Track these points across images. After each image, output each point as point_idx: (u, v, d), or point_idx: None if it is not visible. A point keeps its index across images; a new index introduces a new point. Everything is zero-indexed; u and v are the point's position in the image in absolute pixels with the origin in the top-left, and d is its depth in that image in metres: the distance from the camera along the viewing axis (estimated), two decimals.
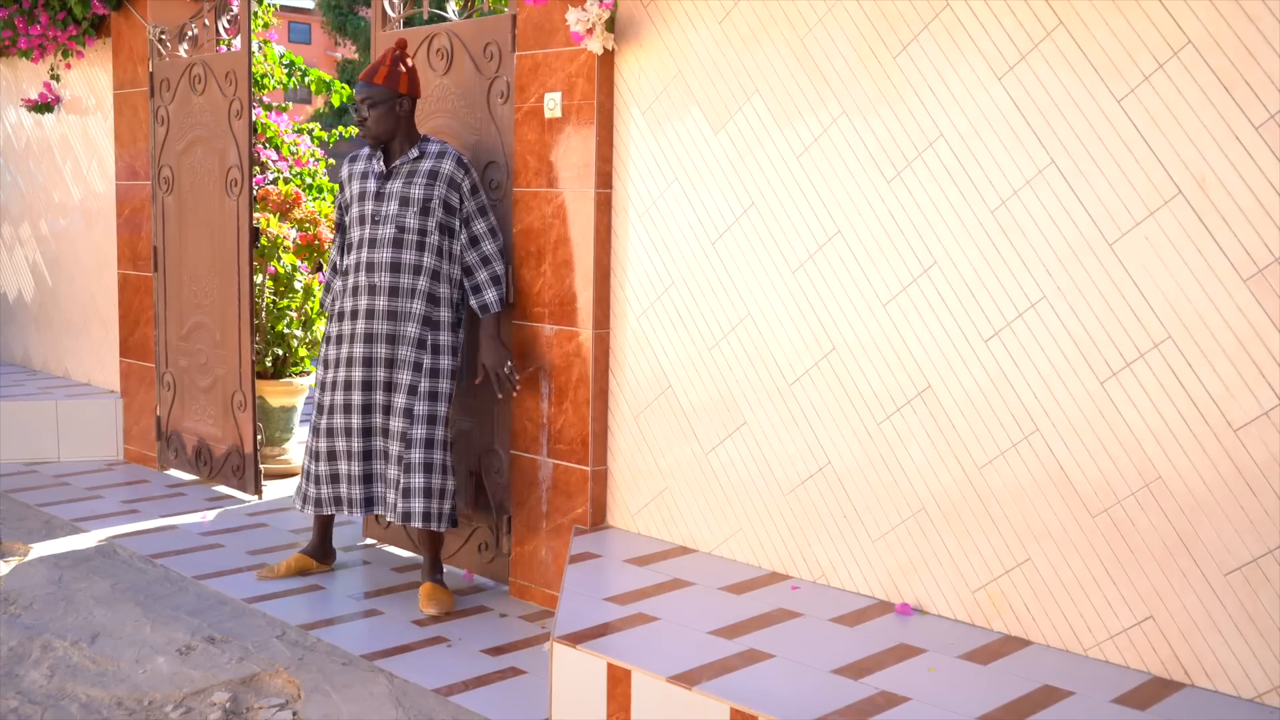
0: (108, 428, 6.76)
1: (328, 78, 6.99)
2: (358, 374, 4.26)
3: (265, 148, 6.64)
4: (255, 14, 6.52)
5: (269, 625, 4.16)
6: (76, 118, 7.18)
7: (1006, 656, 3.05)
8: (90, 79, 7.02)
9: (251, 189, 5.80)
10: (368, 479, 4.35)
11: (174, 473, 6.46)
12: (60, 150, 7.35)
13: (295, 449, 6.59)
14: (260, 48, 6.66)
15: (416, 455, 4.20)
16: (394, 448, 4.26)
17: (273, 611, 4.29)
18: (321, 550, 4.71)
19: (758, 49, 3.66)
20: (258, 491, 5.91)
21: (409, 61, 4.29)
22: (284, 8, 35.47)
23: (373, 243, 4.25)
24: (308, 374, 6.65)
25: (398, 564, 4.92)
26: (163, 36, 6.32)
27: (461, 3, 4.69)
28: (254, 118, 6.28)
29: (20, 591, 4.51)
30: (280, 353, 6.47)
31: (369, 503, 4.37)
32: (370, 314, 4.24)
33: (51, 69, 7.14)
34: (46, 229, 7.54)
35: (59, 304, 7.48)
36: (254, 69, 6.41)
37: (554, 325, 4.27)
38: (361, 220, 4.31)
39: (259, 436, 6.08)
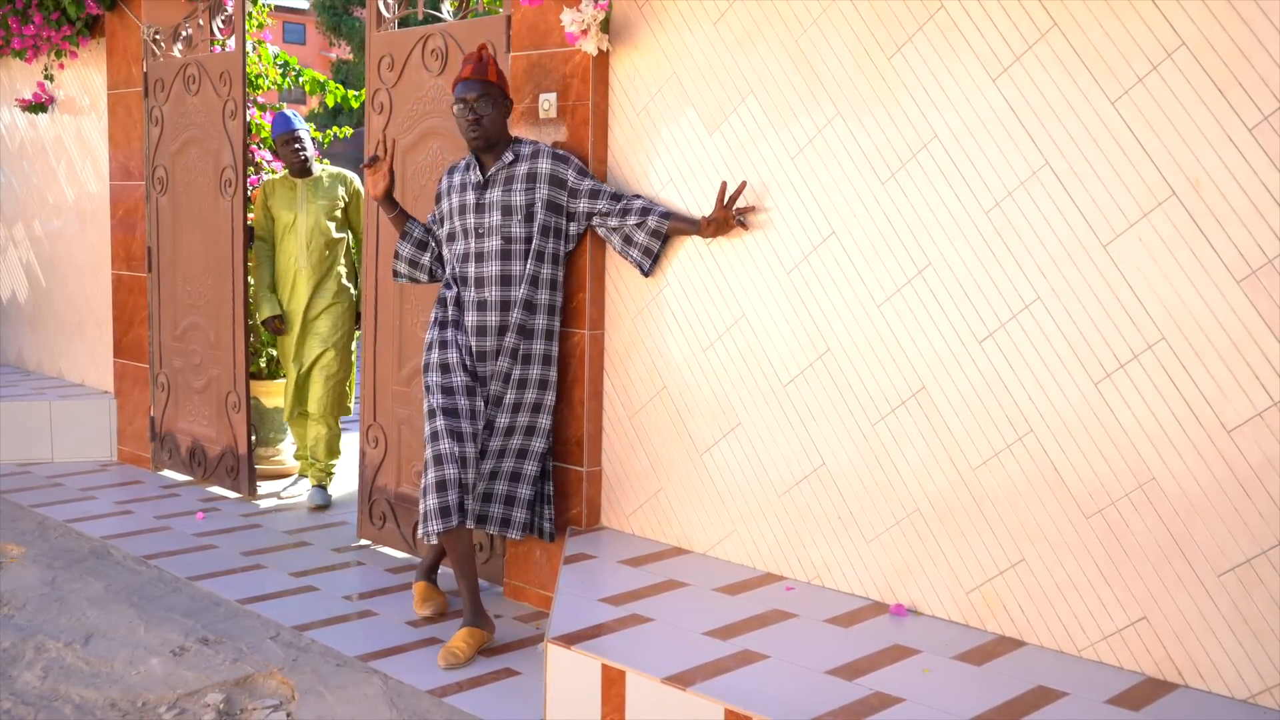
0: (102, 428, 6.74)
1: (322, 78, 6.98)
2: (471, 383, 4.02)
3: (259, 148, 6.63)
4: (250, 14, 6.51)
5: (263, 626, 4.15)
6: (70, 118, 7.16)
7: (1001, 657, 3.05)
8: (84, 79, 7.01)
9: (246, 189, 5.79)
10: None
11: (168, 473, 6.45)
12: (54, 151, 7.34)
13: (289, 449, 6.59)
14: (255, 48, 6.65)
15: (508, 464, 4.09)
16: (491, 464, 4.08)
17: (267, 613, 4.28)
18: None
19: (753, 50, 3.66)
20: (252, 492, 5.90)
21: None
22: (278, 8, 35.46)
23: (480, 256, 4.01)
24: None
25: (392, 564, 4.91)
26: (157, 36, 6.31)
27: (456, 3, 4.68)
28: (248, 118, 6.27)
29: (14, 592, 4.50)
30: (274, 353, 6.46)
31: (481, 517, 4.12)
32: (482, 331, 4.01)
33: (45, 69, 7.12)
34: (40, 229, 7.53)
35: (53, 305, 7.47)
36: (248, 69, 6.40)
37: None
38: (465, 233, 4.05)
39: (253, 437, 6.08)
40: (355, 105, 6.85)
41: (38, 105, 7.18)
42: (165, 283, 6.32)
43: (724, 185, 3.67)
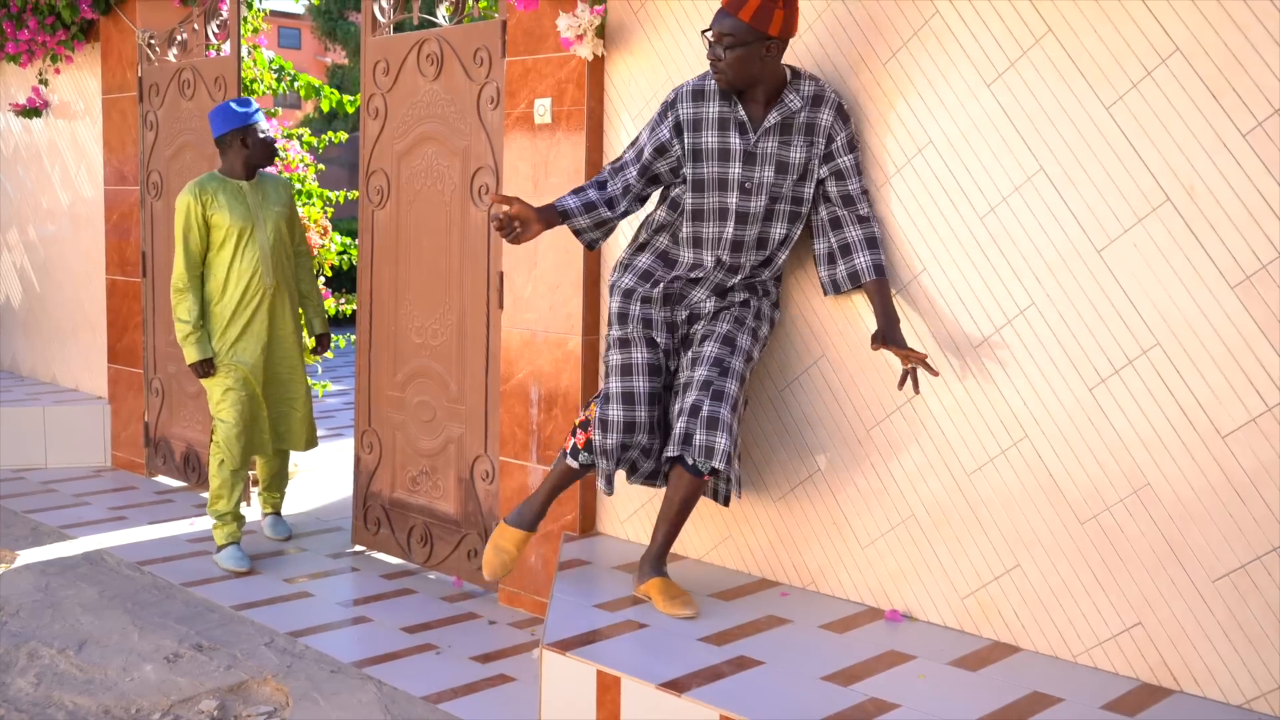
0: (95, 434, 6.73)
1: (317, 83, 6.98)
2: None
3: None
4: (245, 19, 6.51)
5: (257, 633, 4.14)
6: (65, 123, 7.16)
7: (996, 663, 3.05)
8: (79, 84, 7.00)
9: None
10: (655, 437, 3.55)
11: (162, 479, 6.44)
12: (49, 155, 7.33)
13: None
14: (250, 53, 6.65)
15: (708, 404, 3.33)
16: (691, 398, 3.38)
17: (261, 619, 4.28)
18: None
19: None
20: (246, 499, 5.89)
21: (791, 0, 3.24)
22: (274, 13, 35.43)
23: (742, 217, 3.36)
24: None
25: (387, 570, 4.90)
26: (152, 41, 6.30)
27: (452, 8, 4.68)
28: None
29: (7, 599, 4.48)
30: None
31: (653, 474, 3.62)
32: (703, 285, 3.46)
33: (40, 74, 7.11)
34: (35, 234, 7.51)
35: (47, 310, 7.46)
36: (243, 74, 6.39)
37: (544, 331, 4.26)
38: (722, 185, 3.35)
39: None
40: (350, 110, 6.84)
41: (32, 110, 7.17)
42: (160, 288, 6.31)
43: (915, 355, 3.12)
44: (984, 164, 3.14)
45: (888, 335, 3.19)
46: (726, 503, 3.64)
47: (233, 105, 4.90)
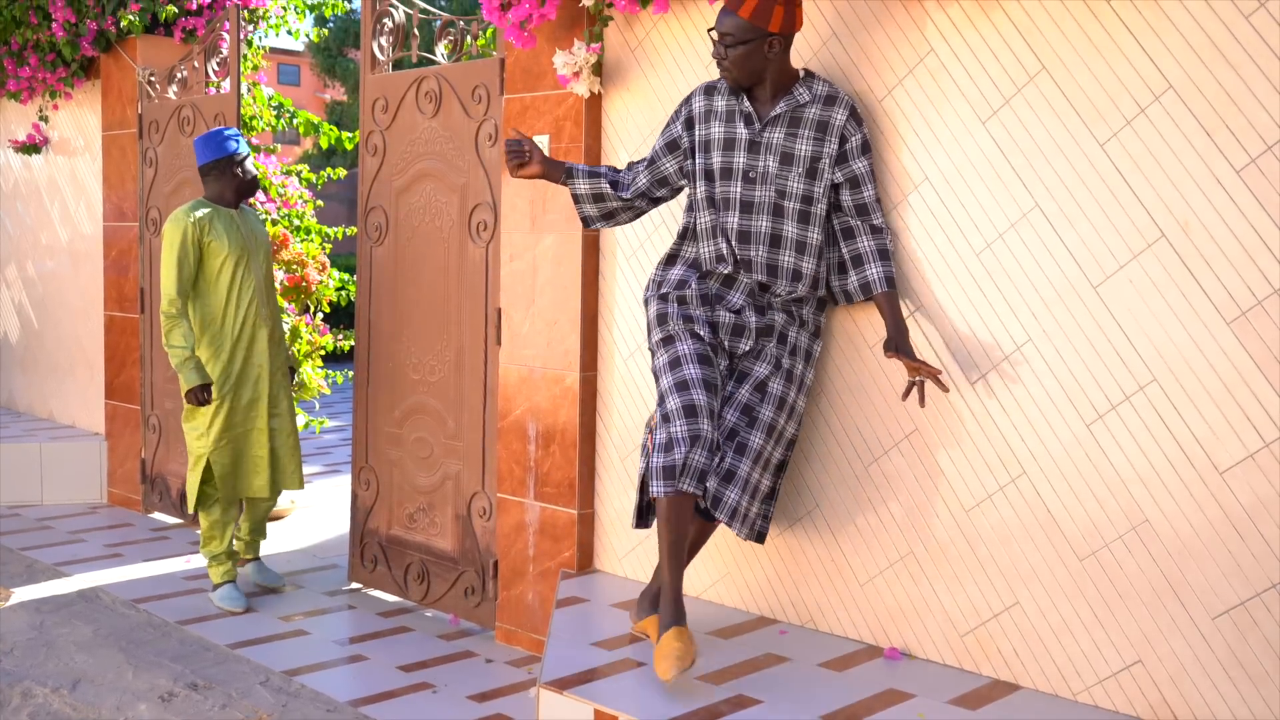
0: (92, 471, 6.72)
1: (316, 120, 7.01)
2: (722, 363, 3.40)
3: None
4: (245, 56, 6.55)
5: (252, 671, 4.11)
6: (64, 159, 7.18)
7: (996, 701, 3.03)
8: (79, 120, 7.03)
9: None
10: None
11: (158, 516, 6.42)
12: (48, 192, 7.35)
13: (282, 494, 6.55)
14: (249, 90, 6.69)
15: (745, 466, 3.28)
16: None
17: (256, 658, 4.25)
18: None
19: None
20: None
21: None
22: (273, 50, 35.65)
23: (746, 206, 3.31)
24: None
25: (383, 608, 4.88)
26: (152, 78, 6.33)
27: (450, 46, 4.71)
28: None
29: (1, 637, 4.45)
30: None
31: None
32: (738, 287, 3.39)
33: (40, 110, 7.15)
34: (33, 271, 7.53)
35: (45, 346, 7.46)
36: (243, 111, 6.43)
37: (542, 368, 4.26)
38: (727, 174, 3.34)
39: None
40: (349, 147, 6.87)
41: (31, 146, 7.20)
42: (157, 324, 6.31)
43: (927, 368, 3.06)
44: (980, 200, 3.15)
45: (899, 345, 3.16)
46: (760, 540, 3.44)
47: (225, 134, 4.86)
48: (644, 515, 3.47)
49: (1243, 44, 2.70)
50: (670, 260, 3.50)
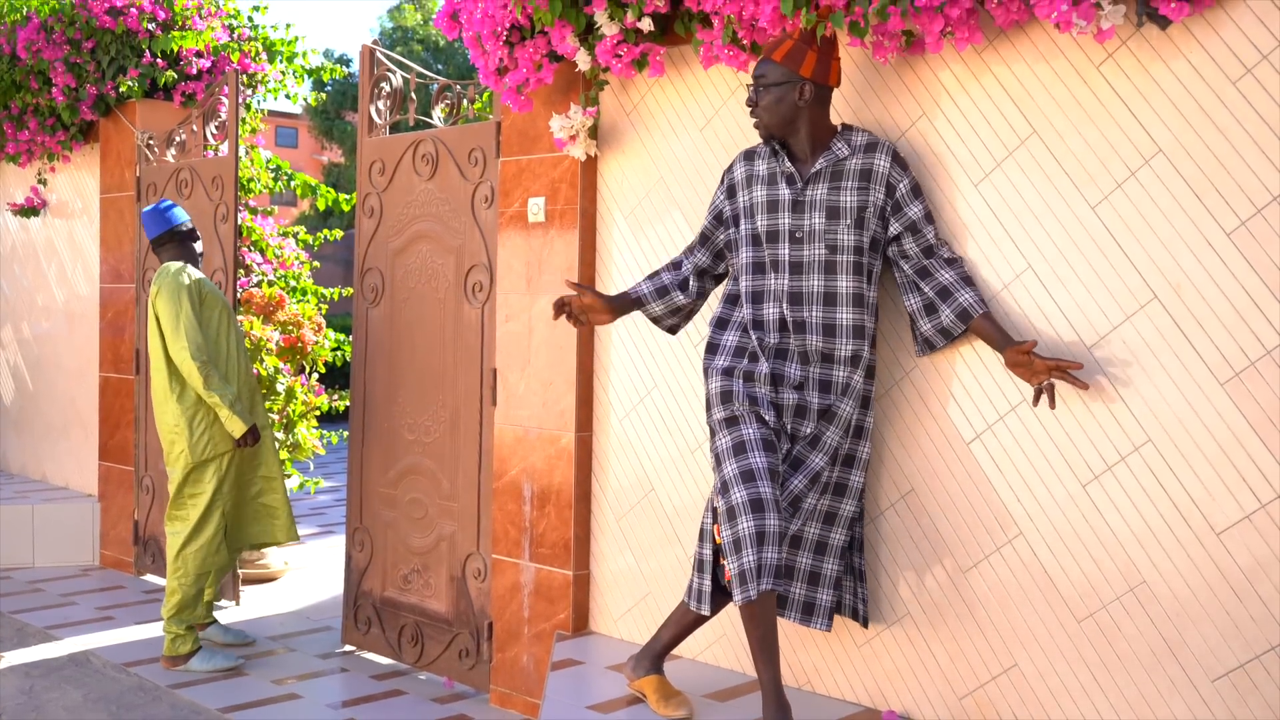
0: (84, 532, 6.68)
1: (314, 182, 7.06)
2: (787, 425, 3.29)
3: (250, 251, 6.68)
4: (243, 119, 6.61)
5: None
6: (62, 221, 7.22)
7: None
8: (77, 183, 7.07)
9: (236, 292, 5.82)
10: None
11: (150, 578, 6.37)
12: (45, 254, 7.38)
13: (275, 554, 6.52)
14: (247, 152, 6.74)
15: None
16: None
17: None
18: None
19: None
20: (235, 598, 5.82)
21: (826, 47, 3.22)
22: (272, 112, 35.93)
23: (796, 267, 3.26)
24: (289, 477, 6.59)
25: (377, 671, 4.83)
26: (150, 142, 6.39)
27: (447, 110, 4.76)
28: (239, 221, 6.32)
29: None
30: None
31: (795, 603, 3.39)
32: (791, 356, 3.28)
33: (39, 174, 7.19)
34: (29, 332, 7.53)
35: (39, 407, 7.45)
36: (240, 173, 6.47)
37: (537, 428, 4.26)
38: (774, 237, 3.29)
39: None
40: (346, 209, 6.92)
41: (30, 209, 7.24)
42: (149, 385, 6.31)
43: (1064, 362, 2.91)
44: (972, 262, 3.17)
45: (1021, 350, 2.97)
46: (866, 623, 3.38)
47: (167, 205, 4.94)
48: (699, 597, 3.31)
49: (1230, 109, 2.73)
50: (722, 325, 3.39)
